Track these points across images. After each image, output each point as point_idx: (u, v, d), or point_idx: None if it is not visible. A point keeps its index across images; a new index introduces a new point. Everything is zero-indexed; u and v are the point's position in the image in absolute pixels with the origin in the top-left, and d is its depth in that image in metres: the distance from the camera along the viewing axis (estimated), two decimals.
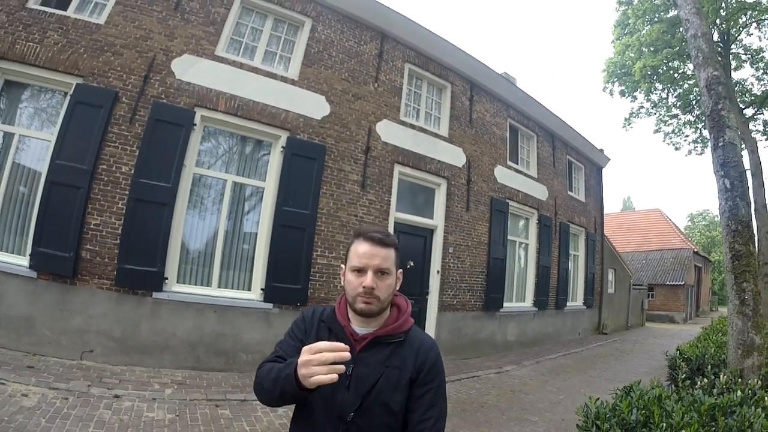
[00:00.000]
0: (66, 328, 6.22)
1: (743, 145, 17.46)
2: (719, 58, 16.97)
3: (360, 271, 1.47)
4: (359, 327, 1.53)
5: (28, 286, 6.13)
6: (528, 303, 13.58)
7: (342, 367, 1.21)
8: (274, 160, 8.20)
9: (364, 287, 1.44)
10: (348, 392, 1.44)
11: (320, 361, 1.20)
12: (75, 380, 5.36)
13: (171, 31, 7.38)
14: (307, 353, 1.24)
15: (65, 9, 6.93)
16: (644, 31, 18.26)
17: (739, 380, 4.81)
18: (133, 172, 6.72)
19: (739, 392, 3.97)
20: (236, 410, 5.45)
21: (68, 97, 6.65)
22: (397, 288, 1.57)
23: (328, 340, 1.40)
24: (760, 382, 4.69)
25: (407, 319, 1.58)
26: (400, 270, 1.59)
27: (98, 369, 6.01)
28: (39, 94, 6.93)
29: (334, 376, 1.19)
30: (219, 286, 7.53)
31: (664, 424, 3.38)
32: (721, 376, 4.87)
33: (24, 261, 6.21)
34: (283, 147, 8.17)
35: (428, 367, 1.50)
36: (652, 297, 29.60)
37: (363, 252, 1.48)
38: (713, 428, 3.31)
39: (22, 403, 4.44)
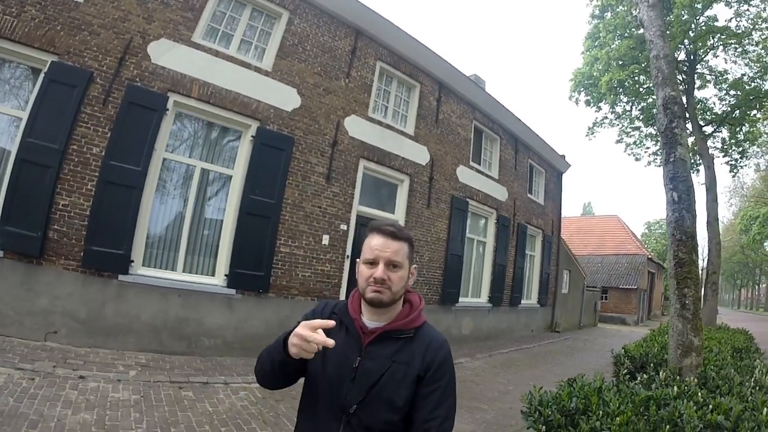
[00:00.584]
0: (31, 308, 6.18)
1: (700, 161, 18.27)
2: (684, 77, 17.70)
3: (372, 263, 1.49)
4: (369, 320, 1.55)
5: None
6: (483, 299, 14.07)
7: (330, 341, 1.30)
8: (243, 149, 8.34)
9: (375, 278, 1.46)
10: (353, 384, 1.45)
11: (309, 339, 1.30)
12: (40, 361, 5.41)
13: (149, 14, 7.36)
14: (304, 327, 1.33)
15: None
16: (614, 46, 18.84)
17: (678, 378, 5.11)
18: (103, 153, 6.72)
19: (675, 388, 4.35)
20: (199, 392, 5.63)
21: (42, 75, 6.55)
22: (411, 283, 1.59)
23: (339, 332, 1.50)
24: (696, 380, 5.07)
25: (419, 316, 1.58)
26: (414, 266, 1.62)
27: (62, 350, 6.05)
28: (12, 70, 6.77)
29: (311, 353, 1.32)
30: (184, 271, 7.63)
31: (601, 412, 3.73)
32: (661, 373, 5.26)
33: None
34: (252, 136, 8.32)
35: (437, 365, 1.48)
36: (606, 299, 30.54)
37: (375, 244, 1.50)
38: (646, 417, 3.61)
39: None
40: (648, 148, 22.33)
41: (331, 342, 1.31)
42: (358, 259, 1.57)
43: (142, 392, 5.23)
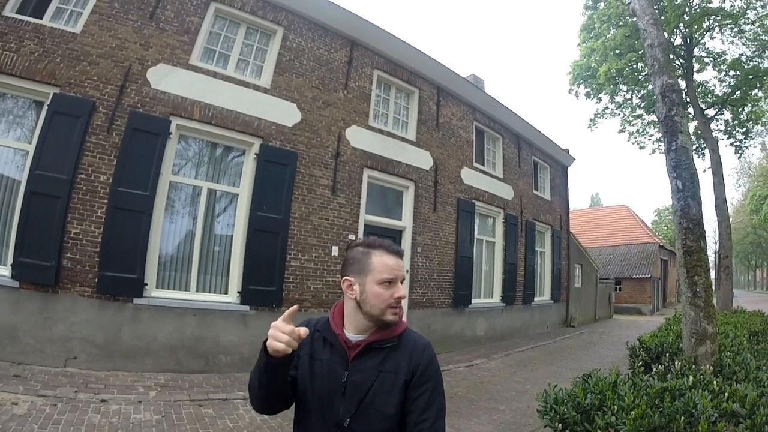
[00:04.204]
0: (50, 336, 6.30)
1: (705, 144, 18.14)
2: (682, 61, 17.60)
3: (391, 282, 1.51)
4: (352, 334, 1.56)
5: (11, 296, 6.18)
6: (496, 299, 14.03)
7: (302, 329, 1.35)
8: (248, 167, 8.43)
9: (397, 298, 1.51)
10: (344, 399, 1.47)
11: (279, 332, 1.32)
12: (61, 387, 5.50)
13: (146, 41, 7.49)
14: (273, 328, 1.34)
15: (41, 17, 6.90)
16: (609, 35, 18.72)
17: (693, 367, 5.07)
18: (111, 181, 6.84)
19: (691, 377, 4.35)
20: (219, 409, 5.70)
21: (45, 107, 6.67)
22: None
23: (323, 349, 1.56)
24: (711, 368, 5.04)
25: (400, 323, 1.58)
26: None
27: (83, 375, 6.14)
28: (16, 104, 6.91)
29: (287, 348, 1.32)
30: (197, 291, 7.71)
31: (616, 407, 3.76)
32: (676, 363, 5.25)
33: (5, 271, 6.24)
34: (256, 154, 8.40)
35: (422, 368, 1.49)
36: (620, 290, 30.28)
37: (393, 264, 1.52)
38: (660, 409, 3.61)
39: (13, 411, 4.58)
40: (651, 135, 22.08)
41: (303, 330, 1.35)
42: (351, 277, 1.55)
43: (163, 412, 5.30)
